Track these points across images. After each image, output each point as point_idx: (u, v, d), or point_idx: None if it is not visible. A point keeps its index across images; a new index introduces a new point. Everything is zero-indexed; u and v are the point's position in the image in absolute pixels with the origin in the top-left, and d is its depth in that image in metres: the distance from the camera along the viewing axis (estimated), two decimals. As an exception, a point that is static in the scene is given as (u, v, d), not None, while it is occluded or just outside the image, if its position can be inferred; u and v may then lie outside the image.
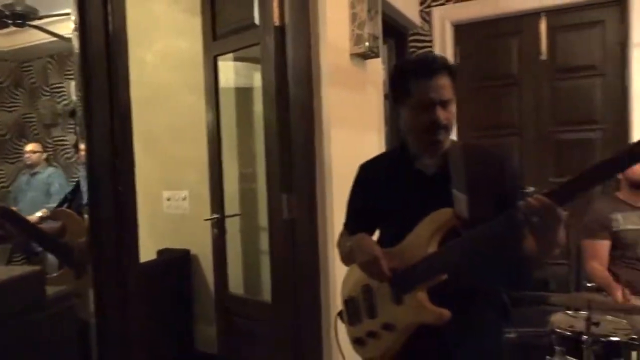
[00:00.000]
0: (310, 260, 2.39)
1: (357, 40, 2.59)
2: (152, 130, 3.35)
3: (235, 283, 2.97)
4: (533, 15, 3.67)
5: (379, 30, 2.70)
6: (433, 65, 1.38)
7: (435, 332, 1.30)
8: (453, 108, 1.41)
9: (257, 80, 2.73)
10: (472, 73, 3.89)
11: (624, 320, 2.18)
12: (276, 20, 2.34)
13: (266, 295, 2.65)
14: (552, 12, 3.63)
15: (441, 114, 1.37)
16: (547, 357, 2.14)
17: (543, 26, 3.66)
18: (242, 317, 2.77)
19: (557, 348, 2.06)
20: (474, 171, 1.40)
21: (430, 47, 3.93)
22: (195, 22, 2.96)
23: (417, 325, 1.32)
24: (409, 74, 1.40)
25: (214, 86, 2.87)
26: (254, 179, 3.03)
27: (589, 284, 1.92)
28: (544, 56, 3.67)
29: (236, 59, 3.02)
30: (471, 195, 1.34)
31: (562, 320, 2.19)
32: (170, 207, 3.51)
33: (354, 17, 2.58)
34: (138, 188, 1.49)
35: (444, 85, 1.37)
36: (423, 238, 1.33)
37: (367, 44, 2.58)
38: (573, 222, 2.91)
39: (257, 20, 2.47)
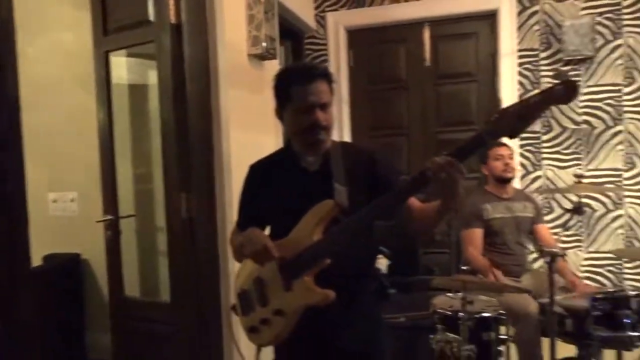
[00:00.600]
0: (210, 258, 2.41)
1: (254, 41, 2.65)
2: (35, 128, 3.13)
3: (131, 286, 2.89)
4: (418, 25, 3.98)
5: (275, 32, 2.78)
6: (312, 72, 1.53)
7: (322, 312, 1.42)
8: (331, 111, 1.56)
9: (152, 77, 2.68)
10: (365, 76, 4.12)
11: (494, 299, 2.48)
12: (172, 18, 2.32)
13: (165, 295, 2.62)
14: (434, 23, 3.96)
15: (321, 116, 1.50)
16: (430, 335, 2.36)
17: (427, 35, 3.97)
18: (139, 319, 2.70)
19: (438, 327, 2.28)
20: (351, 166, 1.56)
21: (325, 50, 4.09)
22: (84, 16, 2.83)
23: (305, 308, 1.44)
24: (291, 80, 1.54)
25: (105, 82, 2.76)
26: (149, 179, 2.96)
27: (464, 267, 2.15)
28: (427, 63, 3.99)
29: (130, 55, 2.94)
30: (350, 187, 1.50)
31: (443, 302, 2.43)
32: (56, 209, 3.31)
33: (251, 18, 2.64)
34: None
35: (323, 90, 1.52)
36: (308, 228, 1.45)
37: (264, 44, 2.64)
38: (456, 215, 3.25)
39: (152, 17, 2.43)
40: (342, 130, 4.09)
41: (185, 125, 2.38)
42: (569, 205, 3.72)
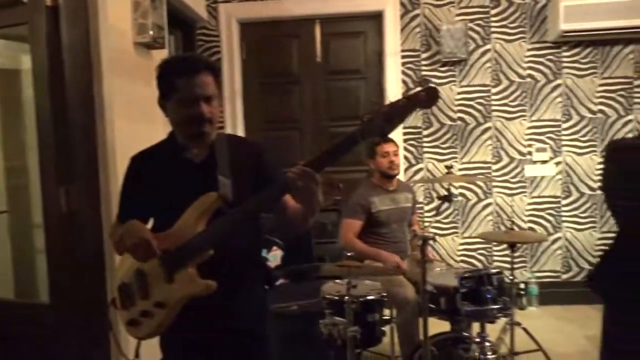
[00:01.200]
0: (95, 254, 2.31)
1: (140, 29, 2.56)
2: None
3: (4, 287, 2.67)
4: (309, 21, 4.09)
5: (163, 20, 2.71)
6: (197, 64, 1.53)
7: (205, 303, 1.44)
8: (216, 103, 1.56)
9: (26, 62, 2.49)
10: (258, 70, 4.15)
11: (378, 283, 2.65)
12: (48, 0, 2.18)
13: (43, 296, 2.46)
14: (324, 20, 4.09)
15: (205, 108, 1.51)
16: (320, 321, 2.46)
17: (318, 32, 4.09)
18: (13, 323, 2.51)
19: (326, 312, 2.40)
20: (236, 158, 1.59)
21: (218, 41, 4.06)
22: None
23: (187, 299, 1.45)
24: (175, 71, 1.52)
25: (-31, 66, 2.51)
26: (24, 173, 2.75)
27: (348, 254, 2.28)
28: (319, 59, 4.11)
29: (1, 37, 2.69)
30: (234, 179, 1.53)
31: (331, 288, 2.54)
32: None
33: (136, 5, 2.55)
34: None
35: (208, 83, 1.52)
36: (191, 220, 1.46)
37: (151, 33, 2.57)
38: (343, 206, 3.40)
39: (24, -3, 2.25)
40: (235, 124, 4.08)
41: (64, 114, 2.24)
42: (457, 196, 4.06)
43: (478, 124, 4.04)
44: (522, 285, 4.02)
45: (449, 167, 2.45)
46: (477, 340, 2.15)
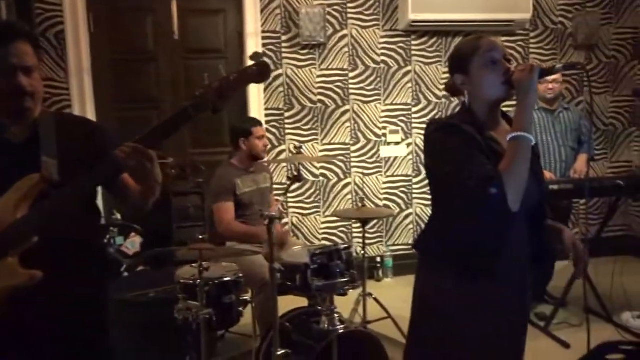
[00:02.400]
0: None
1: (-48, -10, 2.22)
2: None
3: None
4: (166, -4, 3.89)
5: (-16, -17, 2.39)
6: (12, 32, 1.38)
7: (32, 295, 1.33)
8: (38, 76, 1.42)
9: None
10: (109, 45, 3.86)
11: (235, 264, 2.65)
12: None
13: None
14: (182, -5, 3.92)
15: (24, 80, 1.37)
16: (175, 306, 2.40)
17: (174, 7, 3.91)
18: None
19: (180, 296, 2.34)
20: (66, 137, 1.46)
21: (60, 10, 3.68)
22: None
23: (10, 291, 1.32)
24: None
25: None
26: None
27: (200, 236, 2.24)
28: (176, 36, 3.93)
29: None
30: (63, 159, 1.41)
31: (186, 272, 2.49)
32: None
33: (-54, -38, 2.21)
34: None
35: (26, 52, 1.38)
36: (10, 206, 1.32)
37: (-33, -3, 2.25)
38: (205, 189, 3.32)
39: None
40: (84, 103, 3.77)
41: None
42: (308, 176, 4.19)
43: (337, 107, 4.19)
44: (378, 259, 4.30)
45: (297, 148, 2.51)
46: (327, 312, 2.25)
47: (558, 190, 3.06)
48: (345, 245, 2.46)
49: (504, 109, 1.59)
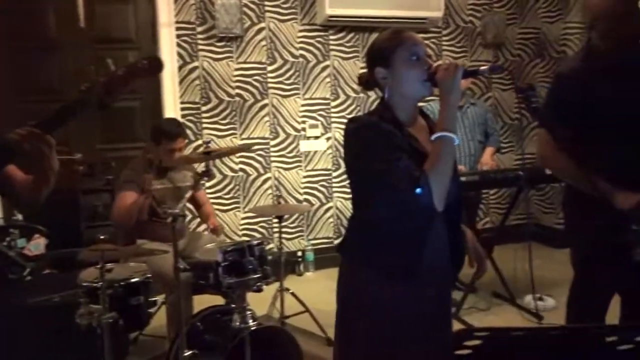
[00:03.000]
0: None
1: None
2: None
3: None
4: (69, -19, 3.64)
5: None
6: None
7: None
8: None
9: None
10: (5, 31, 3.56)
11: (144, 264, 2.55)
12: None
13: None
14: (87, -19, 3.69)
15: None
16: (77, 311, 2.27)
17: (79, -7, 3.68)
18: None
19: (82, 300, 2.22)
20: None
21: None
22: None
23: None
24: None
25: None
26: None
27: (102, 237, 2.11)
28: (82, 24, 3.71)
29: None
30: None
31: (89, 274, 2.36)
32: None
33: None
34: None
35: None
36: None
37: None
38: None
39: None
40: (-23, 94, 3.46)
41: None
42: (227, 171, 4.11)
43: (256, 101, 4.14)
44: (299, 253, 4.32)
45: (206, 143, 2.45)
46: (239, 310, 2.22)
47: (465, 182, 3.21)
48: (258, 241, 2.44)
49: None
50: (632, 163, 1.86)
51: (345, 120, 4.31)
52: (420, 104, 1.59)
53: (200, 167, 3.19)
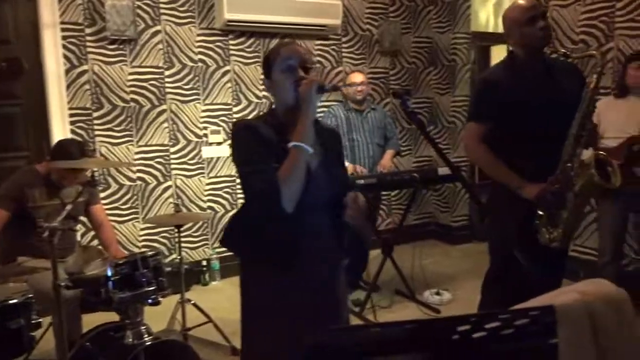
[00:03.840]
0: None
1: None
2: None
3: None
4: None
5: None
6: None
7: None
8: None
9: None
10: None
11: (25, 283, 2.34)
12: None
13: None
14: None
15: None
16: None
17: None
18: None
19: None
20: None
21: None
22: None
23: None
24: None
25: None
26: None
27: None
28: (-50, 22, 3.36)
29: None
30: None
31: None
32: None
33: None
34: None
35: None
36: None
37: None
38: None
39: None
40: None
41: None
42: (122, 179, 3.91)
43: (153, 106, 3.98)
44: (204, 262, 4.21)
45: (91, 151, 2.31)
46: (131, 325, 2.11)
47: (364, 184, 3.31)
48: (153, 252, 2.34)
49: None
50: (539, 158, 2.15)
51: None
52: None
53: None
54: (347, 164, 3.64)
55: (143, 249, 3.97)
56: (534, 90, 2.19)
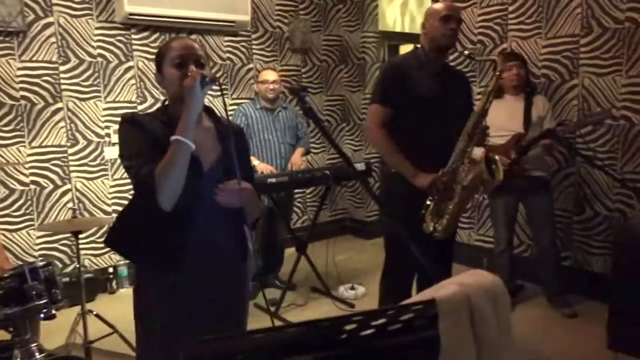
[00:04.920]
0: None
1: None
2: None
3: None
4: None
5: None
6: None
7: None
8: None
9: None
10: None
11: None
12: None
13: None
14: None
15: None
16: None
17: None
18: None
19: None
20: None
21: None
22: None
23: None
24: None
25: None
26: None
27: None
28: None
29: None
30: None
31: None
32: None
33: None
34: None
35: None
36: None
37: None
38: None
39: None
40: None
41: None
42: (13, 183, 3.59)
43: (47, 104, 3.69)
44: (110, 270, 3.97)
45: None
46: (20, 344, 1.93)
47: (276, 183, 3.28)
48: (44, 262, 2.16)
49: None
50: (433, 151, 2.26)
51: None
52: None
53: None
54: (257, 163, 3.59)
55: (39, 259, 3.67)
56: (433, 86, 2.31)
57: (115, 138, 3.97)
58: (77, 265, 2.76)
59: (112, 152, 3.97)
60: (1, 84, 3.50)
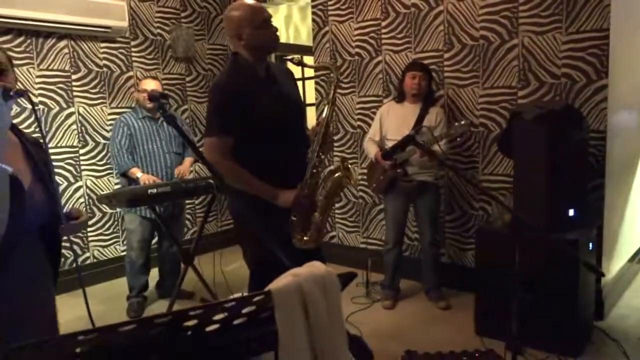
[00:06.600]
0: None
1: None
2: None
3: None
4: None
5: None
6: None
7: None
8: None
9: None
10: None
11: None
12: None
13: None
14: None
15: None
16: None
17: None
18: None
19: None
20: None
21: None
22: None
23: None
24: None
25: None
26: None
27: None
28: None
29: None
30: None
31: None
32: None
33: None
34: None
35: None
36: None
37: None
38: None
39: None
40: None
41: None
42: None
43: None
44: None
45: None
46: None
47: (157, 193, 3.17)
48: None
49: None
50: (285, 162, 2.16)
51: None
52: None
53: None
54: (140, 174, 3.46)
55: None
56: (265, 93, 2.16)
57: None
58: None
59: None
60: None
